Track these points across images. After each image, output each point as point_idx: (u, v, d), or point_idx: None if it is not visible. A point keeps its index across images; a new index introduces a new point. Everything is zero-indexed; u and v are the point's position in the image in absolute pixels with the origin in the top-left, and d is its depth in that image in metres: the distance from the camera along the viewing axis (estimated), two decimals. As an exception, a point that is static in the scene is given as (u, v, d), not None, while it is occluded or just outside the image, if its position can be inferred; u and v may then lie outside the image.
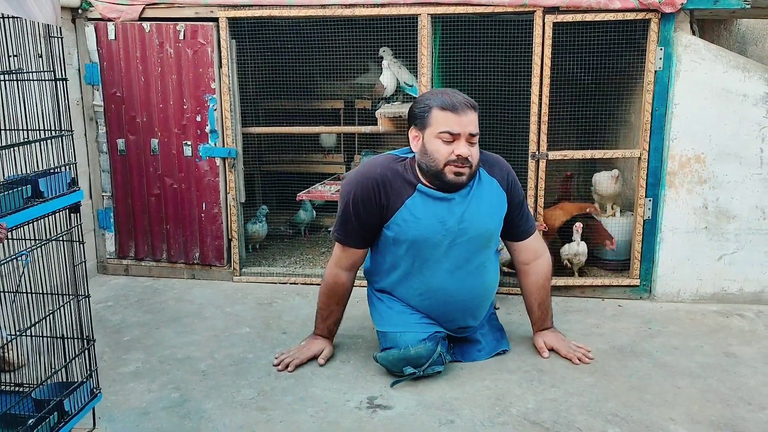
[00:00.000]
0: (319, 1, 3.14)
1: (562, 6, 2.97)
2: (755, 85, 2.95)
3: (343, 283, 2.52)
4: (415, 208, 2.37)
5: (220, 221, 3.45)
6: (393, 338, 2.43)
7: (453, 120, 2.26)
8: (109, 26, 3.33)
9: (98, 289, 3.35)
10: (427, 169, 2.33)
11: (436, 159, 2.29)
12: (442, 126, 2.27)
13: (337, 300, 2.54)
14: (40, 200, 1.74)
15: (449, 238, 2.37)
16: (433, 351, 2.36)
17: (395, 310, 2.48)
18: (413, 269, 2.43)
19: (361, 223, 2.42)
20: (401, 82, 3.52)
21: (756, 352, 2.64)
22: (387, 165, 2.41)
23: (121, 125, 3.44)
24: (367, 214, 2.40)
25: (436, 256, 2.40)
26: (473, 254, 2.42)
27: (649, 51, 2.99)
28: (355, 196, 2.38)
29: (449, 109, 2.26)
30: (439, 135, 2.28)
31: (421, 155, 2.34)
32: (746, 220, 3.06)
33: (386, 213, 2.38)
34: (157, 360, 2.58)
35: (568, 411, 2.19)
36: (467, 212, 2.38)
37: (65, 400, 1.81)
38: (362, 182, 2.38)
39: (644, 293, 3.21)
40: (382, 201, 2.37)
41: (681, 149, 3.03)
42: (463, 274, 2.43)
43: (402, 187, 2.37)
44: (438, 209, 2.37)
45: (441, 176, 2.31)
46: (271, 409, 2.21)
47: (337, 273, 2.52)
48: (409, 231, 2.37)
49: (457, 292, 2.44)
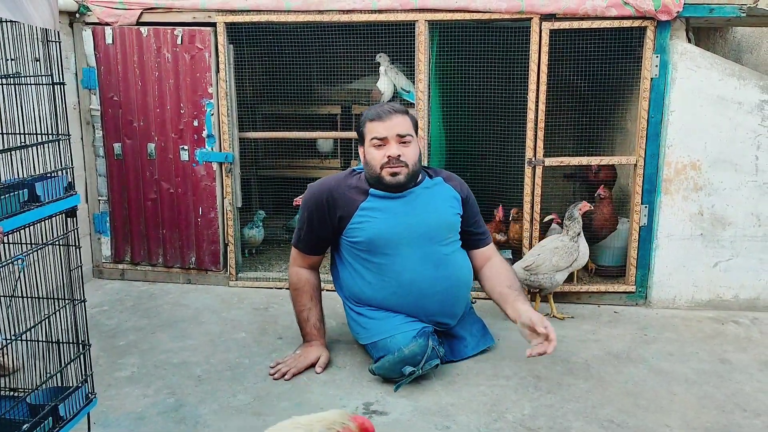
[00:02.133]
0: (317, 6, 3.15)
1: (558, 13, 2.99)
2: (750, 93, 2.96)
3: (307, 279, 2.63)
4: (369, 209, 2.50)
5: (216, 226, 3.45)
6: (384, 345, 2.44)
7: (380, 126, 2.45)
8: (106, 30, 3.33)
9: (94, 294, 3.34)
10: (370, 178, 2.51)
11: (372, 166, 2.47)
12: (371, 134, 2.46)
13: (309, 296, 2.62)
14: (36, 204, 1.73)
15: (408, 230, 2.49)
16: (425, 346, 2.38)
17: (378, 318, 2.53)
18: (382, 268, 2.50)
19: (313, 232, 2.58)
20: (398, 87, 3.53)
21: (751, 358, 2.65)
22: (340, 179, 2.58)
23: (118, 129, 3.44)
24: (319, 224, 2.55)
25: (399, 250, 2.48)
26: (436, 245, 2.52)
27: (645, 58, 3.01)
28: (309, 206, 2.56)
29: (375, 118, 2.46)
30: (371, 143, 2.47)
31: (365, 166, 2.53)
32: (741, 226, 3.07)
33: (341, 223, 2.52)
34: (152, 365, 2.57)
35: (563, 417, 2.19)
36: (422, 205, 2.52)
37: (60, 405, 1.80)
38: (316, 194, 2.55)
39: (640, 300, 3.22)
40: (333, 212, 2.52)
41: (677, 156, 3.04)
42: (430, 266, 2.50)
43: (355, 195, 2.52)
44: (392, 206, 2.50)
45: (380, 180, 2.47)
46: (266, 415, 2.21)
47: (297, 270, 2.65)
48: (366, 230, 2.48)
49: (429, 285, 2.49)
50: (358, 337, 2.61)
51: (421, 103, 3.20)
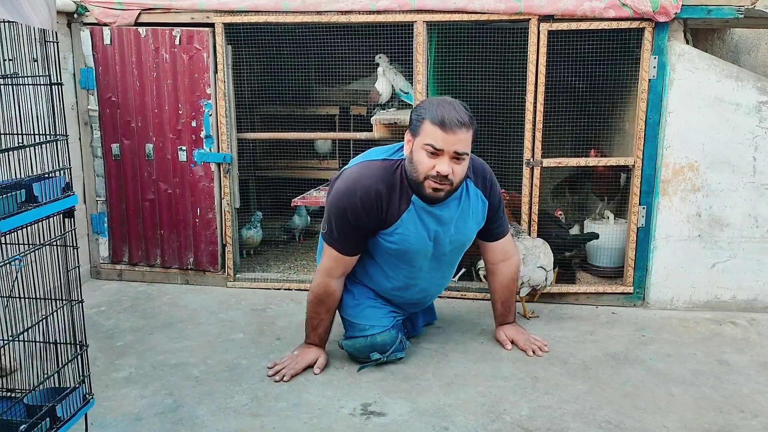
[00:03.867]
0: (315, 7, 3.15)
1: (557, 14, 2.99)
2: (748, 94, 2.97)
3: (333, 292, 2.53)
4: (410, 221, 2.42)
5: (214, 226, 3.45)
6: (361, 329, 2.55)
7: (440, 136, 2.24)
8: (104, 31, 3.33)
9: (91, 294, 3.34)
10: (409, 177, 2.37)
11: (417, 170, 2.31)
12: (428, 138, 2.26)
13: (327, 308, 2.55)
14: (34, 205, 1.73)
15: (436, 249, 2.52)
16: (396, 338, 2.55)
17: (366, 304, 2.60)
18: (397, 271, 2.55)
19: (362, 233, 2.44)
20: (396, 88, 3.53)
21: (749, 359, 2.65)
22: (388, 175, 2.41)
23: (116, 130, 3.44)
24: (368, 219, 2.41)
25: (420, 262, 2.54)
26: (453, 258, 2.65)
27: (643, 60, 3.01)
28: (358, 201, 2.37)
29: (438, 124, 2.24)
30: (424, 146, 2.27)
31: (408, 161, 2.38)
32: (739, 228, 3.07)
33: (384, 224, 2.43)
34: (150, 366, 2.57)
35: (561, 418, 2.19)
36: (455, 226, 2.50)
37: (57, 406, 1.80)
38: (368, 189, 2.37)
39: (638, 300, 3.22)
40: (384, 209, 2.41)
41: (675, 157, 3.05)
42: (440, 274, 2.65)
43: (398, 198, 2.40)
44: (429, 222, 2.45)
45: (420, 188, 2.34)
46: (264, 416, 2.20)
47: (328, 282, 2.51)
48: (402, 243, 2.46)
49: (430, 287, 2.67)
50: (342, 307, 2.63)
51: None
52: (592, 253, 3.42)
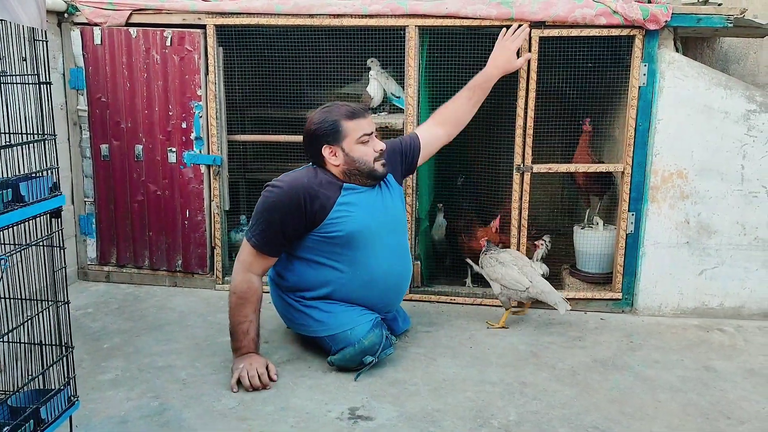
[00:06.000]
0: (307, 10, 3.14)
1: (548, 21, 3.00)
2: (737, 103, 2.99)
3: (257, 289, 2.55)
4: (346, 204, 2.54)
5: (203, 229, 3.43)
6: (345, 337, 2.52)
7: (362, 123, 2.54)
8: (95, 31, 3.31)
9: (78, 296, 3.31)
10: (360, 173, 2.55)
11: (366, 161, 2.54)
12: (357, 131, 2.52)
13: (253, 308, 2.54)
14: (20, 204, 1.72)
15: (383, 225, 2.60)
16: (381, 336, 2.55)
17: (337, 312, 2.58)
18: (356, 263, 2.56)
19: (285, 232, 2.52)
20: (388, 92, 3.53)
21: (736, 366, 2.66)
22: (310, 176, 2.56)
23: (106, 130, 3.42)
24: (293, 222, 2.51)
25: (374, 243, 2.57)
26: (400, 237, 2.73)
27: (634, 67, 3.02)
28: (281, 205, 2.49)
29: (354, 117, 2.52)
30: (358, 140, 2.52)
31: (347, 164, 2.54)
32: (727, 235, 3.09)
33: (316, 218, 2.51)
34: (136, 368, 2.55)
35: (549, 423, 2.20)
36: (387, 197, 2.67)
37: (42, 408, 1.78)
38: (291, 193, 2.50)
39: (626, 307, 3.23)
40: (311, 209, 2.50)
41: (664, 164, 3.06)
42: (396, 258, 2.68)
43: (328, 190, 2.54)
44: (365, 199, 2.58)
45: (374, 173, 2.57)
46: (251, 419, 2.19)
47: (250, 278, 2.54)
48: (346, 224, 2.52)
49: (394, 276, 2.67)
50: (309, 330, 2.62)
51: (411, 108, 3.20)
52: (581, 259, 3.42)
